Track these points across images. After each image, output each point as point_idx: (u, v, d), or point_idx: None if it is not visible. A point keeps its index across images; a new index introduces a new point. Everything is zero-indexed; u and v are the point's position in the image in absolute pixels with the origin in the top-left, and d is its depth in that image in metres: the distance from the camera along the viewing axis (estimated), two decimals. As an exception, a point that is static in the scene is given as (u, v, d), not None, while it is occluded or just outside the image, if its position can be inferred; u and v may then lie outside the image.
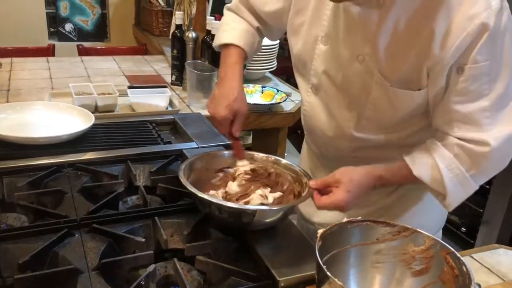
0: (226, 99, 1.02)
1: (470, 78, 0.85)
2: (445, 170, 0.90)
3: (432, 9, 0.84)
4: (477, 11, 0.81)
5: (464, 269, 0.70)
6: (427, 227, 0.81)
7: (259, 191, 0.96)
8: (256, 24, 1.16)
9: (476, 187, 0.93)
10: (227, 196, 0.96)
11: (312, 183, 0.93)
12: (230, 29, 1.15)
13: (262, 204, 0.93)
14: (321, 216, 1.17)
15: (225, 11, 1.21)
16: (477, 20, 0.81)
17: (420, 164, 0.92)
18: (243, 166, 1.03)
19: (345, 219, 0.78)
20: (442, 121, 0.92)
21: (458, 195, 0.92)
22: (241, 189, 0.98)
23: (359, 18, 0.91)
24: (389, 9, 0.87)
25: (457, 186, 0.91)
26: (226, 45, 1.12)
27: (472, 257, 0.98)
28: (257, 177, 1.02)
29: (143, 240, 0.86)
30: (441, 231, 1.21)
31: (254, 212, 0.86)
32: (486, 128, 0.88)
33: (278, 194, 0.97)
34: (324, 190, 0.92)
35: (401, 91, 0.92)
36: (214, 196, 0.94)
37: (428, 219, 1.08)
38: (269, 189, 0.99)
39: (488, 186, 2.16)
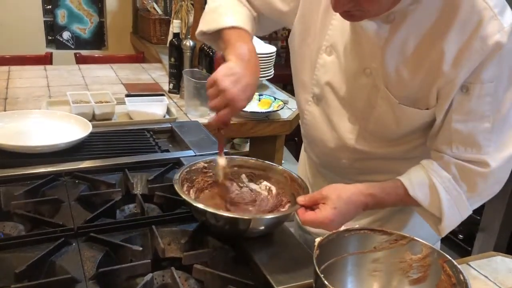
0: (250, 90, 0.91)
1: (474, 98, 0.84)
2: (443, 192, 0.88)
3: (443, 31, 0.83)
4: (490, 32, 0.80)
5: (462, 278, 0.70)
6: (424, 239, 0.80)
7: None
8: (254, 13, 1.10)
9: (470, 211, 0.92)
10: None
11: (300, 199, 0.89)
12: (233, 12, 1.03)
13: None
14: None
15: None
16: (490, 41, 0.80)
17: (416, 184, 0.89)
18: (222, 165, 0.99)
19: (342, 228, 0.78)
20: (441, 140, 0.90)
21: (453, 219, 0.91)
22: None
23: (368, 32, 0.89)
24: (398, 26, 0.86)
25: (453, 209, 0.89)
26: (233, 28, 1.00)
27: (469, 265, 0.98)
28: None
29: (141, 249, 0.86)
30: (439, 242, 1.20)
31: (248, 220, 0.86)
32: (486, 150, 0.87)
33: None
34: (311, 207, 0.88)
35: (408, 108, 0.91)
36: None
37: (426, 230, 1.06)
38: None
39: (485, 194, 2.17)
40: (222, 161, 0.99)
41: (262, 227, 0.90)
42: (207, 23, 1.06)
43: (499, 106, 0.85)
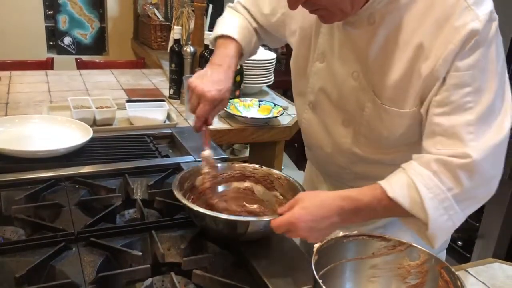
0: (220, 84, 1.01)
1: (451, 88, 0.82)
2: (423, 189, 0.81)
3: (420, 27, 0.84)
4: (464, 21, 0.80)
5: (459, 284, 0.70)
6: (428, 248, 0.79)
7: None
8: (254, 24, 1.17)
9: (463, 216, 0.84)
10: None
11: (279, 209, 0.87)
12: (228, 22, 1.15)
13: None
14: None
15: (225, 9, 1.22)
16: (463, 31, 0.80)
17: (395, 184, 0.83)
18: (207, 156, 1.04)
19: (341, 234, 0.79)
20: (426, 136, 0.87)
21: (441, 221, 0.81)
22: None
23: (352, 36, 0.92)
24: (379, 26, 0.88)
25: (439, 210, 0.81)
26: (222, 37, 1.12)
27: (467, 271, 0.98)
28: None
29: (140, 253, 0.87)
30: (444, 251, 1.19)
31: (247, 223, 0.87)
32: (469, 144, 0.81)
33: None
34: None
35: (391, 109, 0.91)
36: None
37: None
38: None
39: (484, 200, 2.17)
40: (206, 152, 1.04)
41: (260, 230, 0.91)
42: (212, 34, 1.18)
43: (481, 97, 0.82)
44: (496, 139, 0.82)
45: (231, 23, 1.14)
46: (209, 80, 1.01)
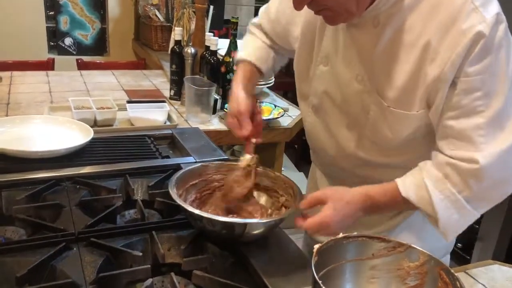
0: (230, 110, 1.06)
1: (462, 92, 0.83)
2: (433, 191, 0.86)
3: (426, 29, 0.84)
4: (471, 24, 0.80)
5: (458, 285, 0.71)
6: (434, 251, 0.79)
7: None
8: (268, 42, 1.21)
9: (476, 214, 0.88)
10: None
11: (302, 203, 0.90)
12: (244, 48, 1.22)
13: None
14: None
15: (247, 32, 1.29)
16: (470, 34, 0.80)
17: (409, 184, 0.89)
18: (245, 161, 1.06)
19: (341, 235, 0.79)
20: (439, 138, 0.90)
21: (452, 220, 0.87)
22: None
23: (357, 39, 0.92)
24: (384, 28, 0.88)
25: (449, 209, 0.86)
26: (241, 60, 1.18)
27: (467, 273, 0.99)
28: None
29: (141, 254, 0.87)
30: (448, 255, 1.19)
31: (244, 225, 0.88)
32: (480, 147, 0.83)
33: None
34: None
35: (398, 112, 0.91)
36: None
37: (435, 243, 1.03)
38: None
39: (484, 202, 2.17)
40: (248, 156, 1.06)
41: (258, 231, 0.91)
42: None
43: (492, 101, 0.83)
44: (508, 142, 0.84)
45: (246, 48, 1.21)
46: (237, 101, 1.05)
